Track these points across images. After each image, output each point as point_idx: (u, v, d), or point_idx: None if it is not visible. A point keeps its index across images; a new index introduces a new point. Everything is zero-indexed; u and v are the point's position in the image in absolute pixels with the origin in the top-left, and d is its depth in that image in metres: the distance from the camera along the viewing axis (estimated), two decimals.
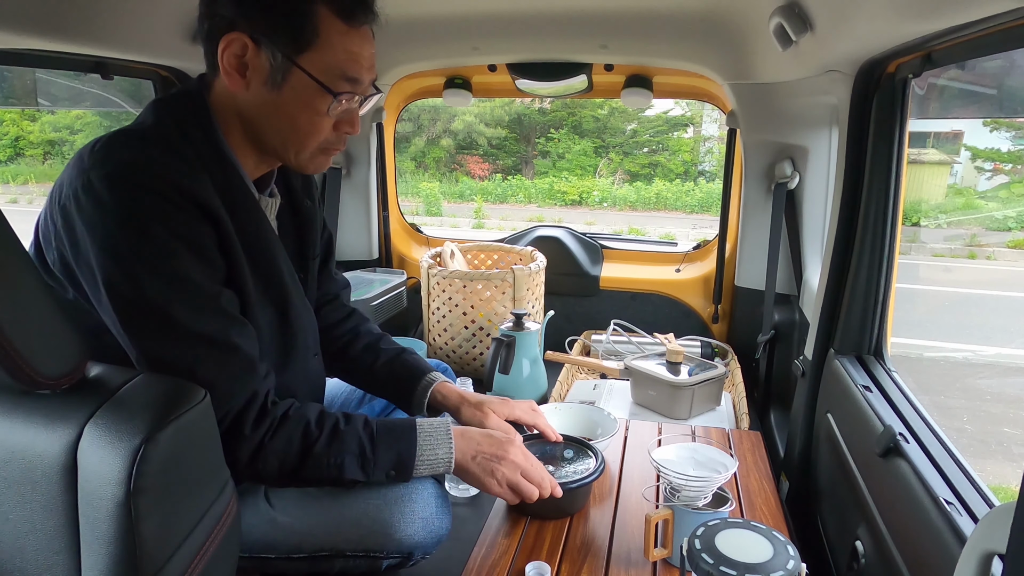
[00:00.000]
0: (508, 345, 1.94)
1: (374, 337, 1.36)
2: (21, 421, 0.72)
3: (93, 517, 0.70)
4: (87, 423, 0.71)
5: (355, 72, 0.98)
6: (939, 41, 1.04)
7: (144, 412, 0.72)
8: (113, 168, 0.88)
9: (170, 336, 0.91)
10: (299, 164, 1.05)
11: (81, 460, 0.70)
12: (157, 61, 1.72)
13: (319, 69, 0.95)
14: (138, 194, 0.88)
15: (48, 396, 0.73)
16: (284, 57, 0.94)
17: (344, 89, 0.98)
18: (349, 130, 1.04)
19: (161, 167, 0.90)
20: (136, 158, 0.90)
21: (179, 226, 0.90)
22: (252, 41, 0.94)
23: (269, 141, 1.02)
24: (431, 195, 11.24)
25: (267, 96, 0.97)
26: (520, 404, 1.30)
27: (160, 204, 0.89)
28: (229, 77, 0.96)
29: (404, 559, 1.14)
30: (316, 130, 1.00)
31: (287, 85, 0.96)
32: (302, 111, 0.98)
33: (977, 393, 3.77)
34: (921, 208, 6.49)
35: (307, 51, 0.95)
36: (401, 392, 1.30)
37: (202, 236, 0.93)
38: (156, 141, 0.94)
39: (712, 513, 1.06)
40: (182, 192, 0.90)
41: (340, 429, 1.03)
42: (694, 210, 10.88)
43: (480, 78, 2.44)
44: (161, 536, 0.73)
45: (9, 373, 0.68)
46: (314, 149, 1.03)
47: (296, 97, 0.97)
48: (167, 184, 0.89)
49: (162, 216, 0.89)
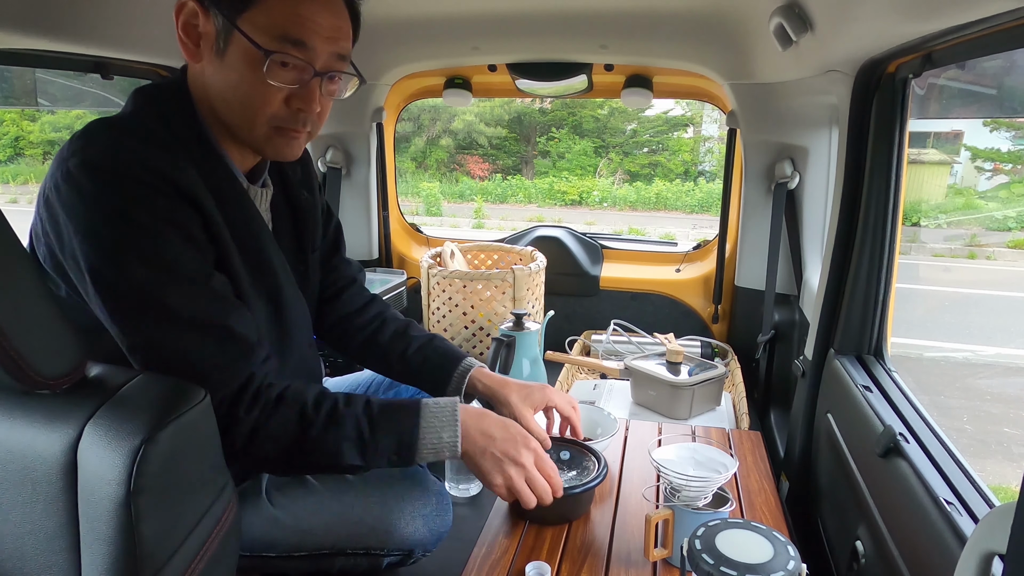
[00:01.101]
0: (508, 345, 1.94)
1: (402, 323, 1.33)
2: (21, 421, 0.72)
3: (93, 517, 0.70)
4: (87, 423, 0.71)
5: (298, 34, 0.91)
6: (939, 41, 1.04)
7: (144, 412, 0.72)
8: (92, 156, 0.86)
9: (161, 322, 0.88)
10: (257, 145, 0.99)
11: (81, 460, 0.70)
12: (157, 61, 1.72)
13: (257, 28, 0.90)
14: (118, 180, 0.86)
15: (48, 396, 0.73)
16: (225, 19, 0.90)
17: (282, 49, 0.90)
18: (302, 106, 0.95)
19: (140, 154, 0.88)
20: (115, 146, 0.88)
21: (161, 210, 0.88)
22: (200, 6, 0.91)
23: (226, 118, 0.97)
24: (431, 195, 11.24)
25: (217, 65, 0.93)
26: (560, 394, 1.26)
27: (141, 190, 0.87)
28: (184, 47, 0.94)
29: (405, 557, 1.14)
30: (261, 101, 0.93)
31: (230, 50, 0.91)
32: (243, 79, 0.92)
33: (977, 393, 3.77)
34: (921, 208, 6.49)
35: (247, 11, 0.90)
36: (436, 379, 1.26)
37: (188, 220, 0.91)
38: (135, 130, 0.92)
39: (712, 513, 1.06)
40: (163, 178, 0.88)
41: (339, 411, 0.97)
42: (694, 210, 10.88)
43: (480, 78, 2.44)
44: (161, 536, 0.73)
45: (9, 373, 0.68)
46: (265, 127, 0.96)
47: (237, 62, 0.91)
48: (146, 170, 0.87)
49: (144, 201, 0.87)
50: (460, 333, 2.23)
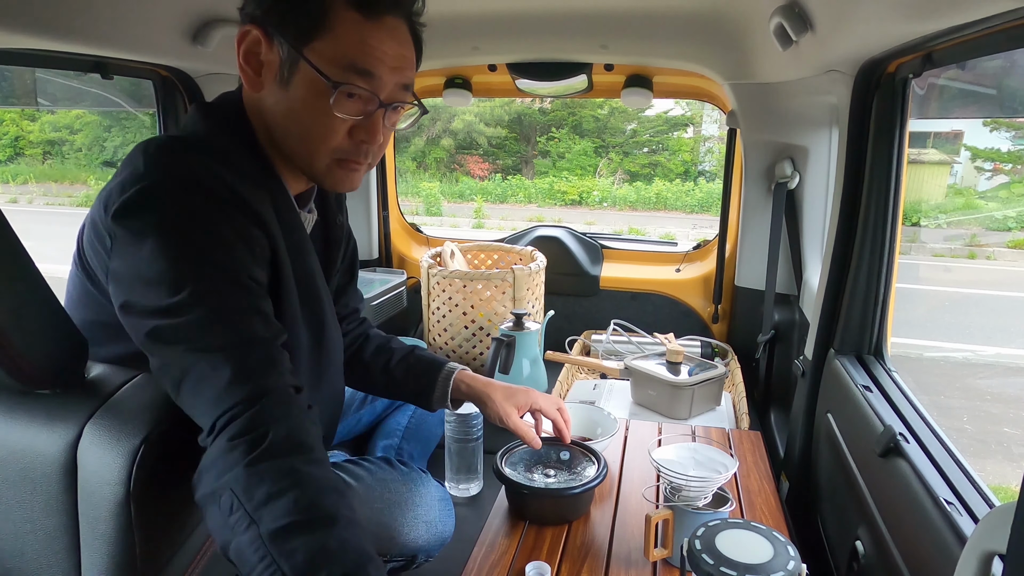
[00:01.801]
0: (508, 345, 1.94)
1: (383, 339, 1.32)
2: (21, 421, 0.72)
3: (93, 517, 0.70)
4: (87, 423, 0.71)
5: (366, 64, 0.88)
6: (939, 41, 1.04)
7: (144, 412, 0.72)
8: (173, 173, 0.83)
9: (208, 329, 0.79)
10: (316, 176, 0.96)
11: (81, 460, 0.70)
12: (157, 61, 1.72)
13: (324, 59, 0.87)
14: (202, 198, 0.82)
15: (48, 396, 0.73)
16: (291, 48, 0.87)
17: (349, 80, 0.87)
18: (366, 139, 0.92)
19: (218, 172, 0.85)
20: (196, 165, 0.85)
21: (239, 228, 0.84)
22: (264, 35, 0.88)
23: (287, 148, 0.94)
24: (431, 195, 11.24)
25: (279, 95, 0.90)
26: (547, 397, 1.26)
27: (220, 206, 0.83)
28: (245, 76, 0.91)
29: (408, 562, 1.14)
30: (325, 132, 0.90)
31: (295, 79, 0.88)
32: (308, 109, 0.89)
33: (977, 393, 3.77)
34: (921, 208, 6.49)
35: (314, 41, 0.87)
36: (420, 387, 1.24)
37: (258, 243, 0.87)
38: (213, 152, 0.89)
39: (712, 513, 1.06)
40: (241, 199, 0.85)
41: (336, 535, 0.72)
42: (694, 210, 10.88)
43: (480, 78, 2.44)
44: (161, 536, 0.73)
45: (9, 373, 0.68)
46: (327, 158, 0.93)
47: (302, 92, 0.89)
48: (226, 188, 0.84)
49: (224, 217, 0.83)
50: (460, 333, 2.23)
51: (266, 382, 0.78)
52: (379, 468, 1.20)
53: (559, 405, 1.27)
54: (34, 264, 0.74)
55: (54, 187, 11.56)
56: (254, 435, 0.74)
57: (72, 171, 11.99)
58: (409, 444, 1.59)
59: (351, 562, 0.70)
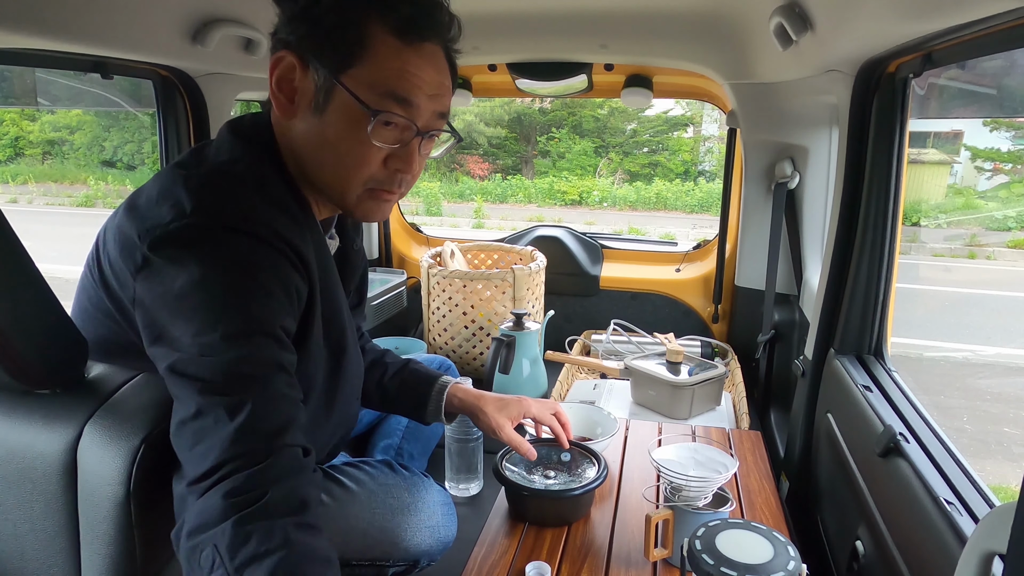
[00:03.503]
0: (508, 345, 1.94)
1: (378, 353, 1.29)
2: (21, 421, 0.72)
3: (93, 517, 0.70)
4: (87, 423, 0.71)
5: (404, 91, 0.86)
6: (939, 41, 1.04)
7: (144, 412, 0.72)
8: (219, 211, 0.81)
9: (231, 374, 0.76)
10: (347, 207, 0.94)
11: (81, 460, 0.70)
12: (157, 61, 1.72)
13: (362, 86, 0.84)
14: (248, 242, 0.80)
15: (48, 396, 0.73)
16: (328, 75, 0.85)
17: (388, 108, 0.85)
18: (402, 168, 0.90)
19: (264, 214, 0.83)
20: (243, 204, 0.83)
21: (284, 275, 0.83)
22: (300, 61, 0.86)
23: (318, 178, 0.91)
24: (431, 195, 11.24)
25: (312, 122, 0.88)
26: (540, 402, 1.25)
27: (269, 254, 0.81)
28: (277, 102, 0.88)
29: (410, 567, 1.14)
30: (360, 161, 0.88)
31: (331, 107, 0.86)
32: (343, 137, 0.87)
33: (977, 393, 3.77)
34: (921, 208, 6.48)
35: (352, 68, 0.85)
36: (414, 401, 1.24)
37: (300, 292, 0.86)
38: (255, 186, 0.86)
39: (712, 513, 1.06)
40: (289, 245, 0.83)
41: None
42: (694, 210, 10.88)
43: (480, 78, 2.44)
44: (161, 536, 0.73)
45: (9, 373, 0.68)
46: (360, 188, 0.91)
47: (338, 120, 0.86)
48: (275, 234, 0.82)
49: (270, 266, 0.81)
50: (460, 333, 2.23)
51: (277, 441, 0.75)
52: (381, 473, 1.20)
53: (555, 409, 1.26)
54: (34, 264, 0.74)
55: (54, 187, 11.56)
56: (251, 495, 0.70)
57: (72, 171, 11.99)
58: (409, 444, 1.59)
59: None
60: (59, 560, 0.72)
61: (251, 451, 0.72)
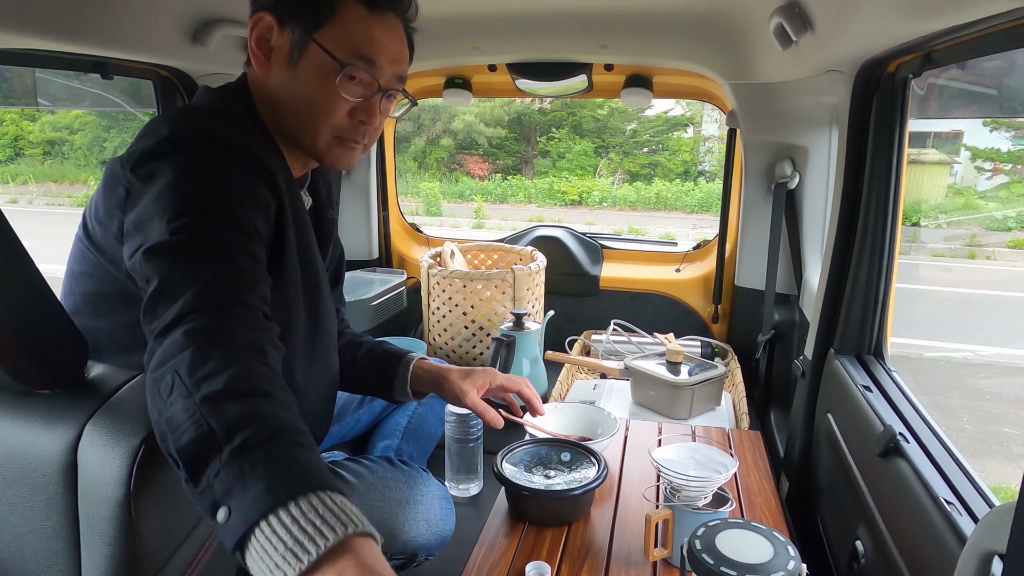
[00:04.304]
0: (508, 345, 1.94)
1: (354, 335, 1.34)
2: (21, 421, 0.72)
3: (93, 517, 0.70)
4: (87, 423, 0.71)
5: (369, 52, 0.98)
6: (939, 41, 1.04)
7: (144, 412, 0.72)
8: (194, 129, 0.90)
9: (199, 248, 0.80)
10: (318, 152, 1.04)
11: (81, 460, 0.70)
12: (157, 61, 1.72)
13: (332, 42, 0.96)
14: (220, 151, 0.88)
15: (48, 396, 0.73)
16: (302, 33, 0.96)
17: (354, 63, 0.97)
18: (364, 119, 1.02)
19: (232, 132, 0.92)
20: (215, 124, 0.92)
21: (253, 183, 0.90)
22: (277, 22, 0.97)
23: (290, 127, 1.02)
24: (431, 195, 11.24)
25: (287, 75, 0.99)
26: (508, 376, 1.27)
27: (234, 159, 0.89)
28: (255, 58, 0.99)
29: (408, 561, 1.14)
30: (328, 110, 0.99)
31: (303, 61, 0.97)
32: (315, 89, 0.98)
33: (977, 393, 3.77)
34: (921, 208, 6.49)
35: (323, 27, 0.96)
36: (384, 376, 1.27)
37: (268, 205, 0.92)
38: (228, 119, 0.96)
39: (712, 513, 1.06)
40: (260, 161, 0.91)
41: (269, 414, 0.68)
42: (694, 210, 10.88)
43: (480, 78, 2.44)
44: (161, 536, 0.73)
45: (9, 373, 0.68)
46: (329, 135, 1.01)
47: (310, 73, 0.98)
48: (245, 149, 0.90)
49: (240, 174, 0.88)
50: (460, 333, 2.23)
51: (240, 298, 0.78)
52: (380, 467, 1.21)
53: (525, 381, 1.28)
54: (34, 264, 0.74)
55: (54, 187, 11.56)
56: (212, 332, 0.72)
57: (72, 171, 11.99)
58: (408, 444, 1.59)
59: (281, 426, 0.66)
60: (59, 560, 0.72)
61: (215, 304, 0.75)
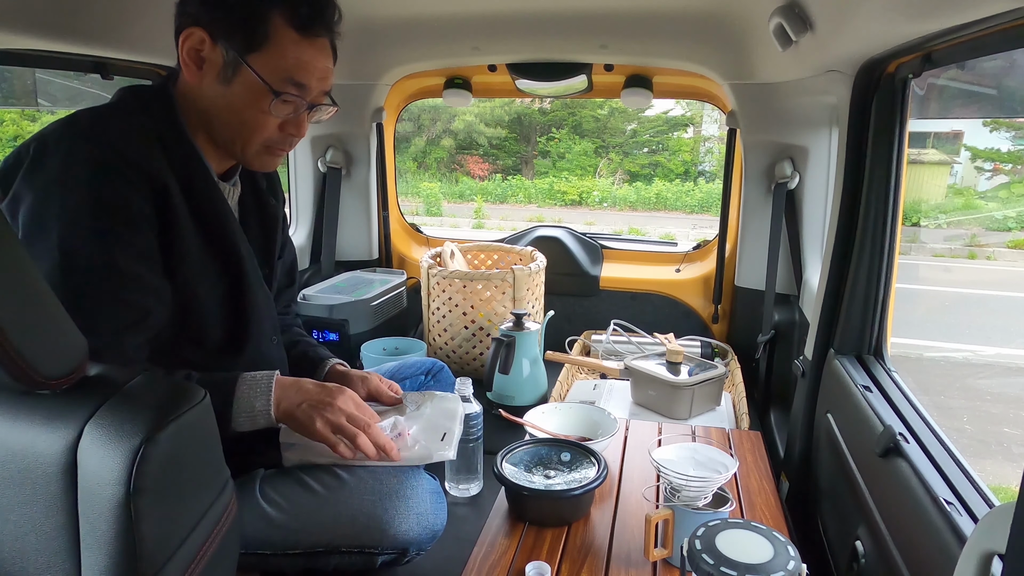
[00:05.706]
0: (508, 345, 1.94)
1: (297, 333, 1.44)
2: (21, 421, 0.72)
3: (93, 517, 0.70)
4: (87, 423, 0.71)
5: (301, 78, 1.05)
6: (939, 41, 1.04)
7: (144, 412, 0.72)
8: (64, 134, 0.97)
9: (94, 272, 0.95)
10: (245, 159, 1.13)
11: (81, 460, 0.70)
12: (157, 61, 1.72)
13: (266, 69, 1.03)
14: (78, 159, 0.95)
15: (48, 396, 0.73)
16: (236, 54, 1.02)
17: (287, 90, 1.04)
18: (294, 132, 1.10)
19: (110, 134, 0.98)
20: (92, 128, 0.99)
21: (126, 194, 0.97)
22: (209, 37, 1.02)
23: (219, 134, 1.09)
24: (431, 195, 11.24)
25: (219, 90, 1.05)
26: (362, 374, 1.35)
27: (114, 177, 0.95)
28: (187, 68, 1.04)
29: (399, 555, 1.15)
30: (260, 127, 1.07)
31: (236, 81, 1.04)
32: (247, 107, 1.05)
33: (977, 393, 3.77)
34: (921, 208, 6.49)
35: (257, 52, 1.02)
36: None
37: (136, 201, 0.98)
38: (113, 115, 1.03)
39: (712, 513, 1.06)
40: (133, 165, 0.97)
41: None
42: (694, 210, 10.87)
43: (480, 78, 2.44)
44: (161, 536, 0.73)
45: (9, 373, 0.68)
46: (259, 146, 1.10)
47: (243, 93, 1.04)
48: (110, 150, 0.96)
49: (115, 187, 0.96)
50: (460, 333, 2.23)
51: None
52: None
53: (396, 389, 1.35)
54: (34, 264, 0.74)
55: None
56: None
57: None
58: None
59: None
60: (59, 560, 0.72)
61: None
